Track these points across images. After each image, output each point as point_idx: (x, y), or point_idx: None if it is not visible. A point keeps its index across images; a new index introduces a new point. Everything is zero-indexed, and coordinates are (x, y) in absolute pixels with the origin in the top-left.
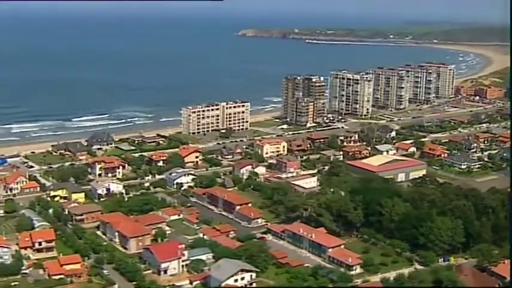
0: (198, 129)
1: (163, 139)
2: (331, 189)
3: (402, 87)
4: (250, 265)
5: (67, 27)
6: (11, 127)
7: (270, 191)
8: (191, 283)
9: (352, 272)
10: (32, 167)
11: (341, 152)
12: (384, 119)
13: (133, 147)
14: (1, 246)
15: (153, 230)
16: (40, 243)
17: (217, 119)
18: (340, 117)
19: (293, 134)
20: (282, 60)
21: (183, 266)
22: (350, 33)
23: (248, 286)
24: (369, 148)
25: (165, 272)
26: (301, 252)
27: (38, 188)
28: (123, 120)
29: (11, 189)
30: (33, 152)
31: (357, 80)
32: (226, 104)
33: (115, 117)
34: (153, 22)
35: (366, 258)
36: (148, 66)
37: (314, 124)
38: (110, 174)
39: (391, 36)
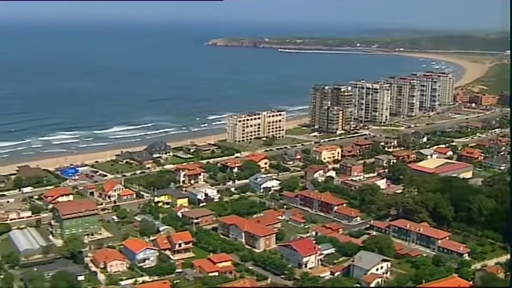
0: (242, 137)
1: (215, 147)
2: (415, 189)
3: (413, 96)
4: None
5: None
6: (49, 139)
7: (354, 192)
8: (333, 274)
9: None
10: (105, 175)
11: (393, 157)
12: (401, 126)
13: (190, 155)
14: (148, 249)
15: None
16: (180, 245)
17: (259, 128)
18: (361, 125)
19: (329, 140)
20: (267, 70)
21: (318, 260)
22: (318, 42)
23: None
24: (413, 152)
25: (305, 265)
26: (409, 245)
27: (134, 195)
28: (158, 130)
29: (109, 197)
30: (97, 161)
31: (376, 89)
32: (267, 113)
33: (147, 127)
34: (118, 30)
35: (470, 247)
36: (138, 78)
37: (343, 131)
38: (192, 181)
39: (358, 45)
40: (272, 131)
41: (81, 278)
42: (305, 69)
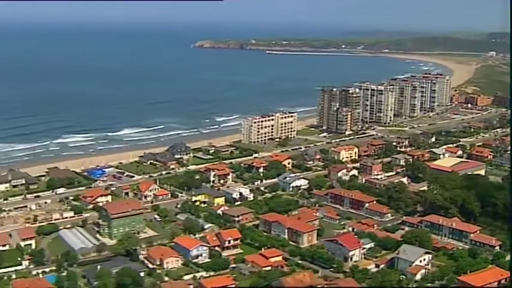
0: (257, 138)
1: (233, 148)
2: (441, 186)
3: (415, 97)
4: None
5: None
6: (64, 141)
7: (379, 189)
8: (377, 266)
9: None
10: (132, 176)
11: (408, 156)
12: (405, 126)
13: (210, 156)
14: (202, 245)
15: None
16: (229, 242)
17: (272, 129)
18: (367, 125)
19: (340, 141)
20: (258, 72)
21: (362, 253)
22: (303, 43)
23: None
24: (427, 152)
25: (351, 259)
26: (441, 239)
27: (169, 195)
28: (170, 132)
29: (145, 197)
30: (120, 163)
31: (381, 90)
32: (280, 115)
33: (158, 129)
34: (103, 32)
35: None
36: (134, 80)
37: (351, 132)
38: (221, 181)
39: (343, 46)
40: (284, 132)
41: (141, 274)
42: (295, 71)
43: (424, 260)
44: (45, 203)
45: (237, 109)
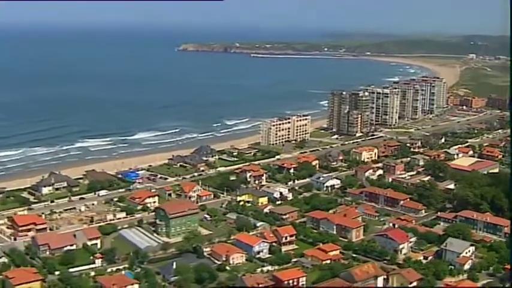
0: (275, 140)
1: (255, 150)
2: (467, 184)
3: (417, 100)
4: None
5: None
6: (84, 145)
7: (407, 188)
8: (426, 258)
9: None
10: (166, 178)
11: (426, 156)
12: (410, 128)
13: (235, 158)
14: (263, 242)
15: None
16: (286, 238)
17: (289, 131)
18: (373, 127)
19: (353, 142)
20: (251, 75)
21: (409, 247)
22: (286, 46)
23: None
24: (442, 152)
25: (401, 252)
26: (476, 233)
27: (212, 195)
28: (185, 136)
29: (189, 197)
30: (150, 165)
31: (387, 93)
32: (296, 118)
33: (173, 132)
34: (85, 36)
35: None
36: (131, 85)
37: (361, 134)
38: (256, 181)
39: (326, 49)
40: (299, 135)
41: None
42: (286, 74)
43: (469, 251)
44: (92, 204)
45: (244, 112)
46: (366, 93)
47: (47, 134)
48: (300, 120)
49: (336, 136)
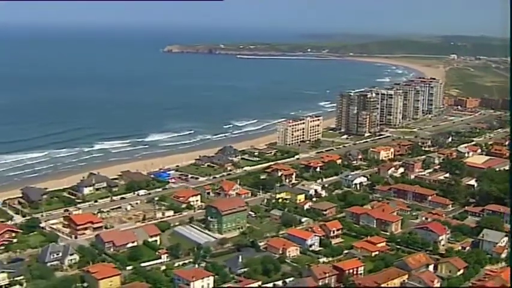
0: (291, 140)
1: (274, 150)
2: (491, 180)
3: (418, 100)
4: None
5: None
6: (103, 147)
7: (430, 184)
8: (464, 248)
9: None
10: (197, 178)
11: (441, 155)
12: (414, 128)
13: (257, 158)
14: (315, 235)
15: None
16: (334, 232)
17: (303, 132)
18: (379, 128)
19: (364, 142)
20: (242, 76)
21: (447, 238)
22: (270, 47)
23: None
24: (454, 150)
25: (440, 243)
26: (504, 225)
27: (250, 194)
28: (200, 137)
29: (229, 196)
30: (177, 166)
31: (391, 95)
32: (310, 119)
33: (188, 134)
34: (68, 37)
35: None
36: (128, 87)
37: (369, 134)
38: (287, 180)
39: (309, 50)
40: (312, 135)
41: None
42: (276, 75)
43: (504, 241)
44: (136, 203)
45: (249, 114)
46: (374, 95)
47: (64, 137)
48: (313, 120)
49: (345, 136)
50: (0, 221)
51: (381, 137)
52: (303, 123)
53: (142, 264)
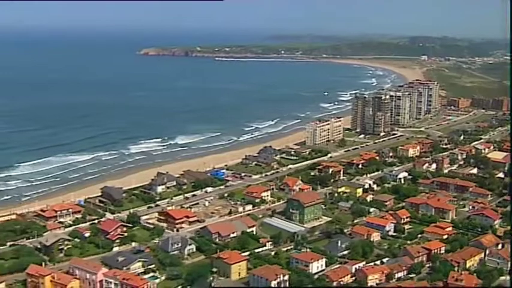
0: (319, 140)
1: (308, 149)
2: None
3: (421, 101)
4: None
5: None
6: (142, 150)
7: (464, 177)
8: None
9: None
10: (250, 176)
11: (462, 151)
12: (421, 127)
13: (295, 157)
14: (391, 223)
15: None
16: (404, 219)
17: (328, 132)
18: (391, 127)
19: (382, 141)
20: (230, 79)
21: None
22: (244, 49)
23: None
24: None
25: (495, 226)
26: None
27: (311, 188)
28: (227, 137)
29: (293, 191)
30: (226, 165)
31: (399, 96)
32: (334, 120)
33: (215, 136)
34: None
35: None
36: (125, 91)
37: (384, 133)
38: (336, 176)
39: (283, 52)
40: (335, 135)
41: None
42: (263, 78)
43: None
44: (211, 199)
45: (262, 116)
46: (387, 97)
47: (100, 140)
48: (336, 121)
49: (362, 136)
50: (95, 218)
51: (395, 136)
52: (328, 124)
53: (257, 250)
